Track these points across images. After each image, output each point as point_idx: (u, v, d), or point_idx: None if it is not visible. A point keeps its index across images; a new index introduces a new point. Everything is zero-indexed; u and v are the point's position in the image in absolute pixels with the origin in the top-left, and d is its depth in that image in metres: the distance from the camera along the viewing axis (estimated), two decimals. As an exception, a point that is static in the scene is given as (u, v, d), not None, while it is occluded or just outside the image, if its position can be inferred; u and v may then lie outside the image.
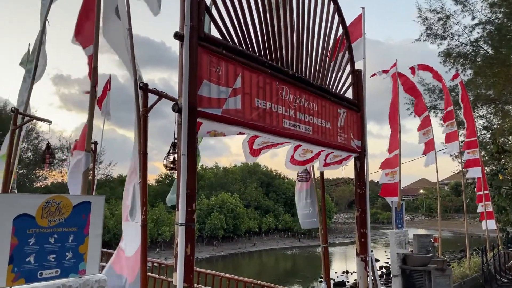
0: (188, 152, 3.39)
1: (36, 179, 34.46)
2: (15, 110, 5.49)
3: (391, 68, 10.65)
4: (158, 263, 8.02)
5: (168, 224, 33.80)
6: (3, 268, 2.25)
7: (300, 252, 37.10)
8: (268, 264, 32.93)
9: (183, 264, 3.25)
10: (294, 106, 4.59)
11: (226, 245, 37.98)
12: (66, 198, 2.57)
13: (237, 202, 41.10)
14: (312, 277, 25.45)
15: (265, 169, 53.87)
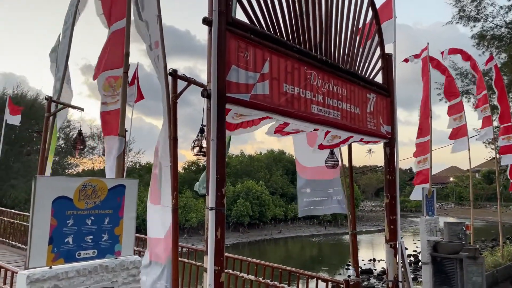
0: (217, 137, 3.41)
1: (68, 166, 35.53)
2: (48, 98, 5.65)
3: (422, 52, 10.35)
4: (187, 248, 8.16)
5: (195, 211, 34.31)
6: (44, 248, 2.34)
7: (326, 240, 37.05)
8: (294, 251, 33.06)
9: (214, 247, 3.29)
10: (323, 91, 4.54)
11: (252, 231, 38.31)
12: (102, 181, 2.64)
13: (263, 189, 41.25)
14: (338, 264, 25.41)
15: (290, 156, 53.74)
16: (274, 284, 6.59)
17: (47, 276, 2.31)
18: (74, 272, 2.44)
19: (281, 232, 39.71)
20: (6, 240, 12.69)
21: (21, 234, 12.33)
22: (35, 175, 2.24)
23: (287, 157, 52.58)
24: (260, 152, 54.20)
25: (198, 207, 34.89)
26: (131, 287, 2.74)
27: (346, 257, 26.64)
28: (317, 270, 23.06)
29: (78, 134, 6.47)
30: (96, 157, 37.36)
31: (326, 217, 43.38)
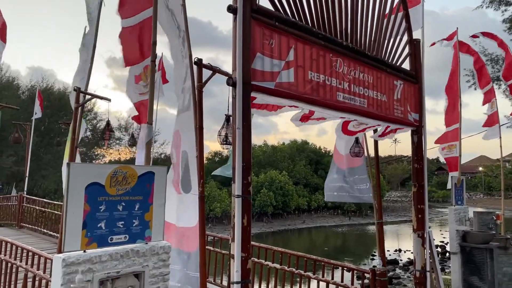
0: (243, 125, 3.42)
1: (95, 157, 36.38)
2: (77, 89, 5.78)
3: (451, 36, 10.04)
4: (213, 236, 8.27)
5: (219, 201, 34.67)
6: (78, 233, 2.42)
7: (350, 230, 36.84)
8: (317, 240, 33.04)
9: (240, 234, 3.32)
10: (348, 79, 4.48)
11: (276, 221, 38.46)
12: (132, 168, 2.69)
13: (286, 179, 41.26)
14: (363, 254, 25.27)
15: (313, 146, 53.47)
16: (299, 272, 6.62)
17: (82, 259, 2.39)
18: (107, 256, 2.51)
19: (305, 222, 39.72)
20: (38, 228, 13.14)
21: (52, 222, 12.75)
22: (69, 162, 2.30)
23: (310, 147, 52.35)
24: (283, 142, 54.11)
25: (222, 197, 35.23)
26: (161, 271, 2.80)
27: (371, 247, 26.45)
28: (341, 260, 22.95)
29: (106, 125, 6.61)
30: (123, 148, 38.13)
31: (351, 207, 43.13)
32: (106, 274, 2.46)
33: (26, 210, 13.90)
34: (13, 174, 29.23)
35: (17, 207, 14.02)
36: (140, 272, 2.67)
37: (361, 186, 6.31)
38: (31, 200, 14.05)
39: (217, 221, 34.20)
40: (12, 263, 6.45)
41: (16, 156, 28.89)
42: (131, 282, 2.60)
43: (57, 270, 2.37)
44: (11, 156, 28.43)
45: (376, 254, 23.83)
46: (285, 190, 40.19)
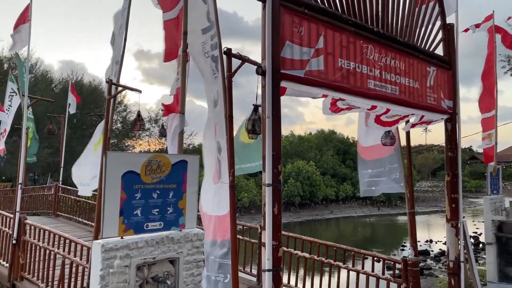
0: (273, 114, 3.41)
1: (125, 148, 37.21)
2: (109, 80, 5.90)
3: (484, 21, 9.65)
4: (242, 225, 8.34)
5: (246, 191, 34.86)
6: (115, 220, 2.49)
7: (379, 220, 36.41)
8: (346, 231, 32.83)
9: (271, 223, 3.34)
10: (380, 66, 4.38)
11: (303, 211, 38.41)
12: (166, 157, 2.75)
13: (313, 169, 41.04)
14: (393, 245, 24.96)
15: (341, 136, 52.86)
16: (329, 262, 6.61)
17: (119, 245, 2.46)
18: (143, 243, 2.58)
19: (333, 213, 39.50)
20: (73, 217, 13.61)
21: (86, 211, 13.17)
22: (106, 151, 2.37)
23: (337, 137, 51.80)
24: (310, 132, 53.72)
25: (250, 187, 35.41)
26: (195, 258, 2.86)
27: (401, 238, 26.09)
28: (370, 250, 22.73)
29: (137, 116, 6.73)
30: (152, 139, 38.82)
31: (380, 198, 42.56)
32: (143, 260, 2.54)
33: (61, 200, 14.41)
34: (48, 165, 30.31)
35: (53, 197, 14.55)
36: (175, 258, 2.73)
37: (392, 176, 6.20)
38: (66, 189, 14.55)
39: (245, 211, 34.45)
40: (50, 250, 6.73)
41: (51, 148, 29.91)
42: (166, 268, 2.67)
43: (96, 255, 2.46)
44: (46, 148, 29.46)
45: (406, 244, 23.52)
46: (312, 180, 40.00)
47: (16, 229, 7.30)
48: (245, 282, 7.53)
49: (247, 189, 35.06)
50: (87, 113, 32.26)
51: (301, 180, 39.07)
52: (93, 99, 34.18)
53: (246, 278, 7.75)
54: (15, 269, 7.33)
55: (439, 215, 38.21)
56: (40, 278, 6.85)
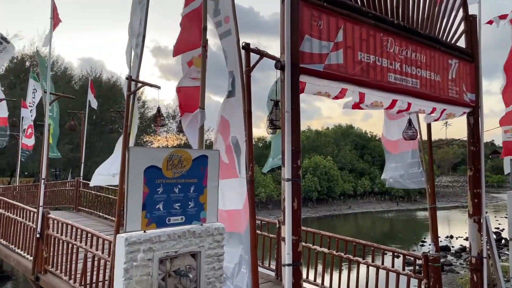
0: (292, 109, 3.40)
1: (144, 144, 37.64)
2: (128, 77, 5.97)
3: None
4: (260, 220, 8.36)
5: (264, 186, 34.90)
6: (138, 214, 2.53)
7: (398, 216, 36.04)
8: (364, 226, 32.61)
9: (291, 217, 3.34)
10: (400, 59, 4.32)
11: (321, 206, 38.28)
12: (187, 152, 2.77)
13: (331, 164, 40.83)
14: (412, 240, 24.68)
15: (359, 131, 52.41)
16: (348, 257, 6.58)
17: (142, 239, 2.50)
18: (166, 236, 2.61)
19: (351, 208, 39.27)
20: (94, 211, 13.87)
21: (106, 206, 13.40)
22: (128, 146, 2.40)
23: (355, 131, 51.38)
24: (327, 127, 53.40)
25: (267, 182, 35.44)
26: (216, 252, 2.88)
27: (420, 233, 25.78)
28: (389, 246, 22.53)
29: (157, 111, 6.79)
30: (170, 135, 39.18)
31: (399, 193, 42.12)
32: (165, 253, 2.57)
33: (82, 195, 14.69)
34: (69, 160, 30.90)
35: (74, 192, 14.84)
36: (196, 252, 2.76)
37: (413, 170, 6.12)
38: (86, 184, 14.83)
39: (262, 206, 34.51)
40: (73, 244, 6.88)
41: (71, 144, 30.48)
42: (188, 261, 2.70)
43: (120, 249, 2.50)
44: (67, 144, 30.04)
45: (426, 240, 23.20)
46: (330, 175, 39.81)
47: (39, 223, 7.47)
48: (263, 277, 7.55)
49: (264, 184, 35.09)
50: (106, 109, 32.73)
51: (319, 175, 38.91)
52: (111, 96, 34.66)
53: (264, 273, 7.77)
54: (39, 262, 7.51)
55: (460, 210, 37.60)
56: (63, 271, 7.01)
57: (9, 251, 8.89)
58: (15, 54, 31.50)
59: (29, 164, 28.61)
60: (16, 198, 14.57)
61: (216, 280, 2.84)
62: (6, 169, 30.41)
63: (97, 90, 25.22)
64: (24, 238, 8.41)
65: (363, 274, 6.48)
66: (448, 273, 15.82)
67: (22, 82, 27.39)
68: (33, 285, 7.88)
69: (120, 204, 5.74)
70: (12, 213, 8.97)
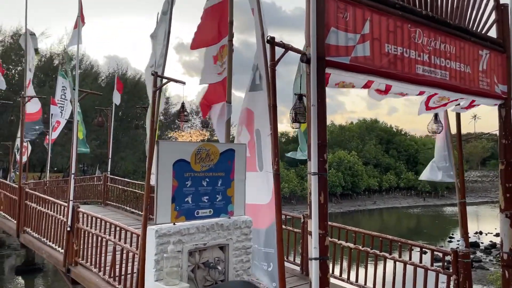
0: (318, 102, 3.38)
1: (168, 139, 38.16)
2: (154, 73, 6.03)
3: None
4: (285, 215, 8.36)
5: (287, 181, 34.85)
6: (168, 207, 2.58)
7: (425, 211, 35.39)
8: (389, 222, 32.17)
9: (317, 211, 3.32)
10: (428, 50, 4.22)
11: (345, 202, 37.98)
12: (214, 146, 2.80)
13: (355, 159, 40.41)
14: (439, 236, 24.22)
15: (384, 125, 51.60)
16: (374, 252, 6.51)
17: (172, 231, 2.54)
18: (195, 229, 2.65)
19: (376, 203, 38.82)
20: (121, 206, 14.17)
21: (132, 200, 13.67)
22: (158, 140, 2.44)
23: (380, 125, 50.62)
24: (351, 121, 52.80)
25: (290, 178, 35.38)
26: (244, 245, 2.90)
27: (448, 229, 25.26)
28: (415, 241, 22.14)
29: (181, 107, 6.84)
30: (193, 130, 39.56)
31: (425, 188, 41.34)
32: (194, 245, 2.61)
33: (110, 189, 15.03)
34: (96, 156, 31.64)
35: (102, 186, 15.19)
36: (224, 244, 2.79)
37: (442, 164, 5.99)
38: (113, 179, 15.15)
39: (285, 201, 34.47)
40: (102, 237, 7.05)
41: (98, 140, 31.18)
42: (216, 254, 2.73)
43: (151, 240, 2.55)
44: (94, 140, 30.75)
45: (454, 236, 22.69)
46: (354, 170, 39.42)
47: (70, 216, 7.68)
48: (288, 271, 7.55)
49: (287, 179, 35.04)
50: (131, 105, 33.30)
51: (343, 171, 38.57)
52: (136, 92, 35.26)
53: (289, 267, 7.77)
54: (69, 255, 7.73)
55: (489, 206, 36.62)
56: (93, 263, 7.20)
57: (41, 243, 9.19)
58: (44, 52, 32.38)
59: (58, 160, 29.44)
60: (46, 192, 15.02)
61: (244, 273, 2.86)
62: (36, 165, 31.40)
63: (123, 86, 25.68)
64: (55, 231, 8.67)
65: (390, 269, 6.40)
66: (477, 270, 15.47)
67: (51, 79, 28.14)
68: (64, 277, 8.13)
69: (147, 198, 5.83)
70: (43, 207, 9.25)
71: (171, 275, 2.49)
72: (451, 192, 42.43)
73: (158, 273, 2.48)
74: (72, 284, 7.73)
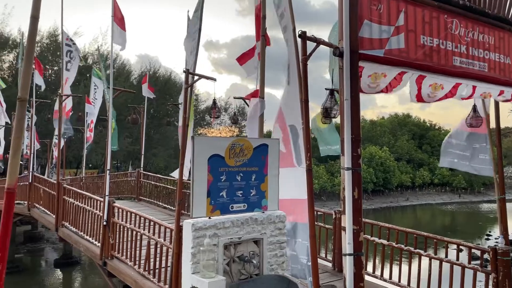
0: (351, 96, 3.34)
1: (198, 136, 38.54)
2: (186, 70, 6.12)
3: None
4: (316, 211, 8.31)
5: (316, 177, 34.60)
6: (203, 201, 2.62)
7: (460, 208, 34.39)
8: (423, 219, 31.46)
9: (351, 207, 3.29)
10: (466, 41, 4.09)
11: (377, 198, 37.37)
12: (247, 141, 2.81)
13: (387, 155, 39.66)
14: (475, 234, 23.49)
15: (417, 120, 50.38)
16: (408, 249, 6.39)
17: (208, 225, 2.58)
18: (230, 223, 2.68)
19: (409, 200, 38.02)
20: (153, 201, 14.47)
21: (164, 196, 13.93)
22: (193, 135, 2.48)
23: (413, 120, 49.45)
24: (382, 116, 51.82)
25: (320, 173, 35.12)
26: (278, 239, 2.91)
27: (485, 227, 24.46)
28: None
29: (213, 103, 6.93)
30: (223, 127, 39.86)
31: (461, 184, 40.15)
32: (230, 239, 2.64)
33: (143, 185, 15.37)
34: (128, 153, 32.42)
35: (135, 182, 15.56)
36: (259, 239, 2.80)
37: (480, 156, 5.77)
38: (146, 175, 15.49)
39: (316, 197, 34.11)
40: (136, 231, 7.23)
41: (131, 137, 31.92)
42: (251, 248, 2.75)
43: (187, 234, 2.59)
44: (127, 137, 31.50)
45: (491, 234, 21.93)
46: (386, 166, 38.71)
47: (106, 211, 7.90)
48: (320, 267, 7.50)
49: (317, 175, 34.79)
50: (162, 103, 33.89)
51: (374, 166, 37.94)
52: (167, 90, 35.85)
53: (321, 263, 7.73)
54: (106, 248, 7.97)
55: (529, 203, 35.18)
56: (128, 257, 7.39)
57: (78, 237, 9.51)
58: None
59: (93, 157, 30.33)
60: (82, 188, 15.52)
61: (279, 267, 2.87)
62: (72, 162, 32.46)
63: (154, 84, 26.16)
64: (92, 225, 8.94)
65: (425, 267, 6.26)
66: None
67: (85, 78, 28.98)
68: (100, 269, 8.38)
69: (180, 193, 5.93)
70: (80, 202, 9.57)
71: (208, 268, 2.53)
72: (487, 189, 41.01)
73: (195, 266, 2.53)
74: (109, 276, 7.96)
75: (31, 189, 13.29)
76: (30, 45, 2.53)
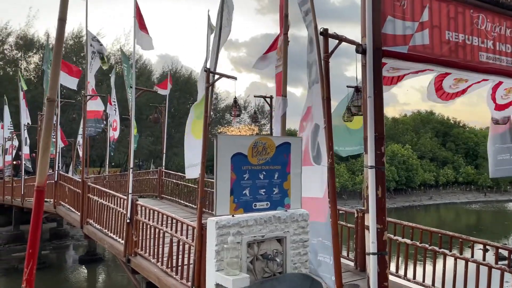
0: (375, 94, 3.30)
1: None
2: (207, 69, 6.16)
3: None
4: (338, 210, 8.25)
5: (338, 175, 34.36)
6: (227, 199, 2.64)
7: (486, 207, 33.59)
8: (446, 218, 30.83)
9: (375, 205, 3.25)
10: (493, 36, 3.99)
11: (399, 197, 36.83)
12: (270, 139, 2.82)
13: (409, 153, 39.03)
14: (501, 234, 22.89)
15: (440, 117, 49.37)
16: (433, 248, 6.28)
17: (231, 223, 2.60)
18: (253, 221, 2.69)
19: (432, 198, 37.34)
20: (175, 199, 14.62)
21: (185, 194, 14.06)
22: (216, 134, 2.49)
23: (436, 118, 48.48)
24: (404, 114, 50.97)
25: (340, 172, 34.86)
26: (301, 238, 2.91)
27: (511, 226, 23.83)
28: (475, 239, 21.05)
29: (233, 102, 6.95)
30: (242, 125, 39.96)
31: (486, 182, 39.19)
32: (253, 237, 2.65)
33: (164, 183, 15.55)
34: (150, 152, 32.87)
35: (157, 181, 15.76)
36: (282, 237, 2.81)
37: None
38: (168, 174, 15.67)
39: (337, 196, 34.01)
40: (159, 229, 7.32)
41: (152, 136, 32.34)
42: (274, 246, 2.75)
43: (211, 232, 2.62)
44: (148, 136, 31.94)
45: (518, 233, 21.34)
46: (408, 164, 38.10)
47: (129, 209, 8.03)
48: (342, 266, 7.44)
49: (338, 174, 34.54)
50: (182, 102, 34.21)
51: (396, 165, 37.39)
52: (187, 89, 36.17)
53: (343, 263, 7.67)
54: (129, 246, 8.09)
55: (559, 202, 34.10)
56: (151, 254, 7.49)
57: (103, 235, 9.68)
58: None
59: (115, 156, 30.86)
60: (106, 186, 15.81)
61: (302, 266, 2.87)
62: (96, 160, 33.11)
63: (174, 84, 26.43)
64: (116, 223, 9.09)
65: (450, 267, 6.14)
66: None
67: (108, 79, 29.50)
68: (124, 266, 8.53)
69: (202, 191, 5.98)
70: (104, 200, 9.74)
71: (232, 266, 2.55)
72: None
73: (219, 264, 2.55)
74: (132, 273, 8.09)
75: (57, 187, 13.61)
76: (58, 46, 2.60)
